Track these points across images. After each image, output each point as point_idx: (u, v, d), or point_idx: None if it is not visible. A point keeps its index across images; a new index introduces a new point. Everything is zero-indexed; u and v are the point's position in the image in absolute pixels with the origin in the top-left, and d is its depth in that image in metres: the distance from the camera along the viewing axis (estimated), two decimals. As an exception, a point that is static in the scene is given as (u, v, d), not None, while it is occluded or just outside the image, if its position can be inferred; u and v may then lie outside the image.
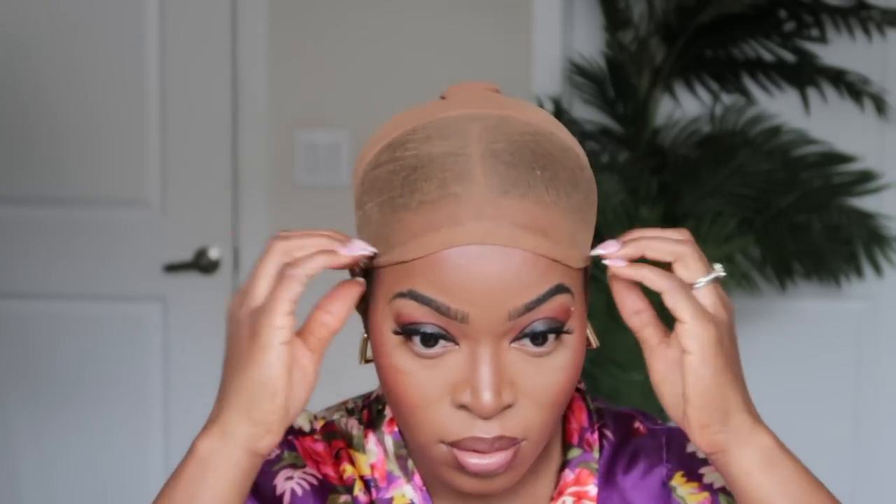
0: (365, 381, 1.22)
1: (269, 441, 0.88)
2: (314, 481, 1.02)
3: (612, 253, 0.90)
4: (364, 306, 0.97)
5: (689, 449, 1.06)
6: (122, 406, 3.15)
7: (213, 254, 3.11)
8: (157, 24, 3.08)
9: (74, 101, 3.10)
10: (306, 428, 1.05)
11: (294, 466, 1.02)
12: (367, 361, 0.98)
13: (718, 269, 0.93)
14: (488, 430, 0.90)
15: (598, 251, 0.91)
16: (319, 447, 1.04)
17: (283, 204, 3.10)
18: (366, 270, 0.95)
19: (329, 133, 3.08)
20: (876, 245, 2.96)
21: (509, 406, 0.90)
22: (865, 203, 2.97)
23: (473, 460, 0.91)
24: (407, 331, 0.90)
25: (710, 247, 2.72)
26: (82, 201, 3.13)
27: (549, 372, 0.91)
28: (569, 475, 1.03)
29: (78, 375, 3.15)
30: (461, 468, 0.92)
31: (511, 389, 0.90)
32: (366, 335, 0.96)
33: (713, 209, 2.79)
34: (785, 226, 2.89)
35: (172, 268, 3.10)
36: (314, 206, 3.08)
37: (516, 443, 0.91)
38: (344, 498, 1.01)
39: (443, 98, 1.00)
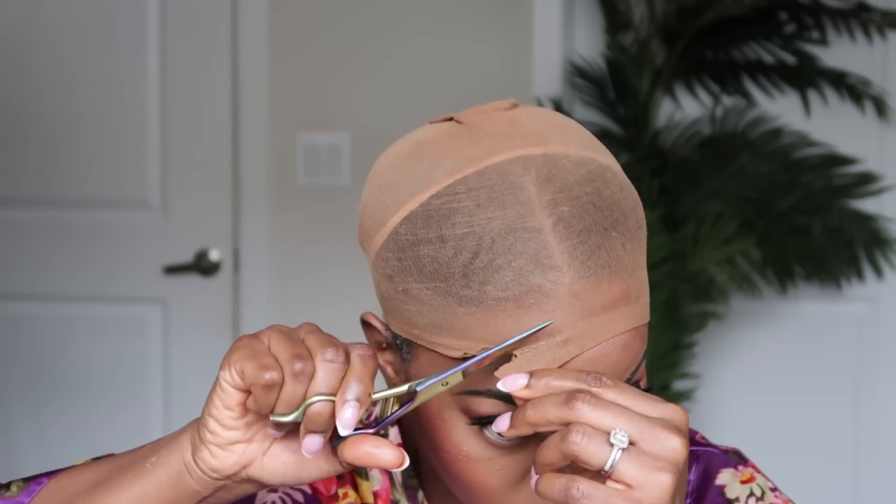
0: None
1: (202, 455, 0.80)
2: (300, 497, 0.95)
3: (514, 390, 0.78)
4: (395, 362, 0.89)
5: (719, 481, 0.98)
6: (122, 407, 3.15)
7: (214, 256, 3.11)
8: (157, 25, 3.08)
9: (75, 102, 3.10)
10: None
11: None
12: None
13: (619, 439, 0.74)
14: None
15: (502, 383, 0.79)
16: None
17: (283, 206, 3.10)
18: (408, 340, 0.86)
19: (330, 135, 3.08)
20: (876, 247, 2.96)
21: None
22: (866, 205, 2.97)
23: None
24: (484, 421, 0.82)
25: (711, 249, 2.72)
26: (83, 203, 3.13)
27: None
28: None
29: (78, 377, 3.15)
30: None
31: None
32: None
33: (714, 211, 2.79)
34: (786, 228, 2.89)
35: (173, 269, 3.10)
36: (315, 208, 3.08)
37: None
38: None
39: (457, 122, 0.87)
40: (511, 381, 0.78)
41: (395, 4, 3.07)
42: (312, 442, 0.76)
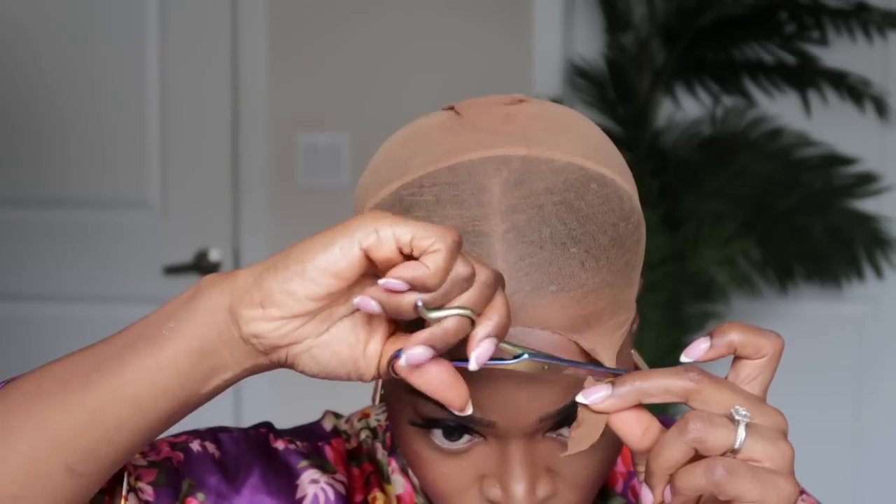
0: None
1: (251, 314, 0.68)
2: (342, 490, 0.91)
3: (601, 402, 0.71)
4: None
5: None
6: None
7: (214, 256, 3.11)
8: (157, 25, 3.08)
9: (74, 102, 3.10)
10: (342, 427, 0.95)
11: (322, 469, 0.91)
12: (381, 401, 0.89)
13: (743, 414, 0.71)
14: None
15: (588, 398, 0.72)
16: (350, 466, 0.94)
17: (283, 206, 3.10)
18: None
19: (330, 135, 3.08)
20: (877, 247, 2.96)
21: (547, 498, 0.80)
22: (866, 205, 2.97)
23: None
24: (427, 423, 0.79)
25: (712, 249, 2.73)
26: (82, 203, 3.13)
27: (590, 454, 0.80)
28: None
29: (78, 377, 3.15)
30: None
31: (547, 479, 0.80)
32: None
33: (714, 211, 2.79)
34: (786, 228, 2.89)
35: (173, 270, 3.10)
36: (315, 209, 3.08)
37: None
38: None
39: (455, 112, 0.84)
40: (593, 394, 0.72)
41: (395, 5, 3.07)
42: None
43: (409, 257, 0.66)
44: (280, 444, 0.92)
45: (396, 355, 0.69)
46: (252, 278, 0.68)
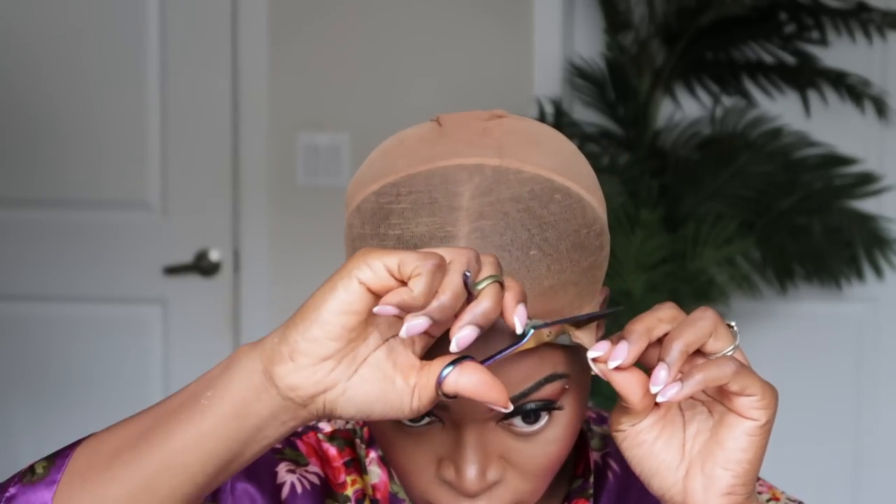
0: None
1: (284, 369, 0.74)
2: (316, 480, 0.97)
3: (624, 360, 0.79)
4: None
5: None
6: (122, 408, 3.14)
7: (214, 256, 3.11)
8: (157, 26, 3.08)
9: (75, 102, 3.11)
10: (310, 423, 0.98)
11: (297, 463, 0.97)
12: None
13: (734, 326, 0.83)
14: None
15: (612, 361, 0.79)
16: (327, 448, 1.00)
17: (283, 206, 3.10)
18: None
19: (330, 135, 3.08)
20: (876, 247, 2.96)
21: (497, 482, 0.86)
22: (866, 205, 2.97)
23: None
24: None
25: (711, 249, 2.72)
26: (83, 203, 3.13)
27: (541, 445, 0.86)
28: None
29: (78, 377, 3.15)
30: None
31: (498, 465, 0.86)
32: None
33: (714, 211, 2.79)
34: (785, 228, 2.89)
35: (173, 270, 3.10)
36: (315, 209, 3.09)
37: None
38: None
39: (437, 123, 0.90)
40: (613, 352, 0.79)
41: (395, 5, 3.07)
42: (420, 324, 0.72)
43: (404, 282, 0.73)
44: None
45: (440, 380, 0.75)
46: (277, 338, 0.75)
